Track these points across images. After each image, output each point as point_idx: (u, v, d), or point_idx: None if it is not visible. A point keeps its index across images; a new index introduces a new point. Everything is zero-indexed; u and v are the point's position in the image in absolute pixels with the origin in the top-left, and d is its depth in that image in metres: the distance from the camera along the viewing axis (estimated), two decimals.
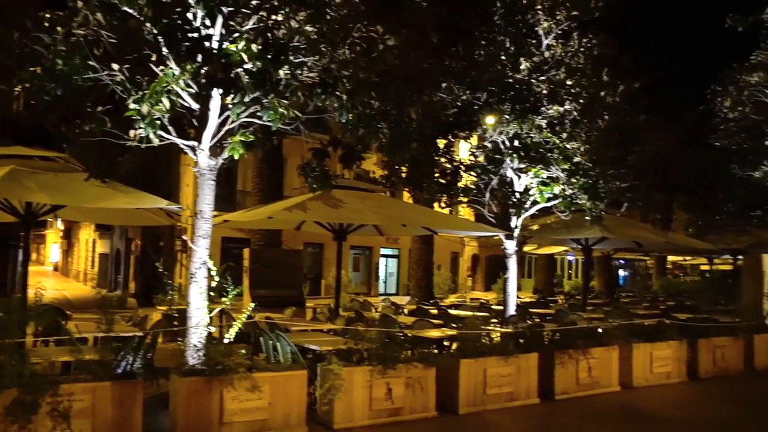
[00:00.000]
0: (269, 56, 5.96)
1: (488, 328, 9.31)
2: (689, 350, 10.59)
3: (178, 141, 6.24)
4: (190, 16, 5.90)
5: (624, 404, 8.81)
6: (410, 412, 7.29)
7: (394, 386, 7.12)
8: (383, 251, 30.86)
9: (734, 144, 14.88)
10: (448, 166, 11.54)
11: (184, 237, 8.99)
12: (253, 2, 6.03)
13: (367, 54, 6.70)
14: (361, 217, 10.39)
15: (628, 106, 13.97)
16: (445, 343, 9.04)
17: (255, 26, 6.08)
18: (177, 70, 5.71)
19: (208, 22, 5.95)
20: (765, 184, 14.41)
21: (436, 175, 11.53)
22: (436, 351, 8.69)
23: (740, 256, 17.67)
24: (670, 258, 32.39)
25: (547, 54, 10.86)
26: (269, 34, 6.07)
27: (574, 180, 10.50)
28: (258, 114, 6.09)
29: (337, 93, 6.32)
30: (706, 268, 31.66)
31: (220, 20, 5.98)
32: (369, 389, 6.97)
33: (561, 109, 10.49)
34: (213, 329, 6.70)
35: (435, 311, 12.83)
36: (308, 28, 6.13)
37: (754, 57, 14.36)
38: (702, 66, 36.98)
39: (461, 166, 11.52)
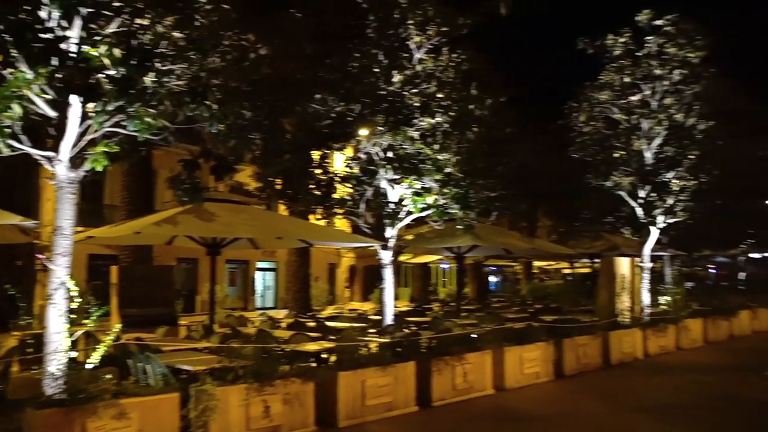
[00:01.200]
0: (133, 62, 5.62)
1: (366, 338, 9.33)
2: (555, 350, 11.18)
3: (32, 151, 5.71)
4: (43, 14, 5.45)
5: (498, 406, 9.11)
6: (289, 429, 7.12)
7: (271, 403, 6.94)
8: (260, 264, 30.23)
9: (588, 156, 15.92)
10: (323, 177, 11.48)
11: (41, 255, 8.30)
12: (116, 3, 5.68)
13: (238, 62, 6.52)
14: (235, 230, 10.11)
15: (495, 119, 14.61)
16: (324, 356, 8.94)
17: (118, 30, 5.72)
18: (30, 74, 5.25)
19: (64, 23, 5.52)
20: (615, 193, 15.53)
21: (312, 186, 11.43)
22: (314, 364, 8.57)
23: (597, 260, 18.96)
24: (536, 263, 34.18)
25: (419, 68, 11.10)
26: (133, 39, 5.74)
27: (446, 190, 10.77)
28: (123, 123, 5.72)
29: (207, 102, 6.08)
30: (569, 271, 33.72)
31: (78, 21, 5.56)
32: (246, 408, 6.74)
33: (433, 121, 10.75)
34: (76, 354, 6.19)
35: (312, 324, 12.69)
36: (176, 33, 5.85)
37: (602, 77, 15.49)
38: (561, 83, 39.68)
39: (336, 178, 11.51)
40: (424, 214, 11.29)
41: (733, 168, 18.30)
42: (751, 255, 26.82)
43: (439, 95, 10.95)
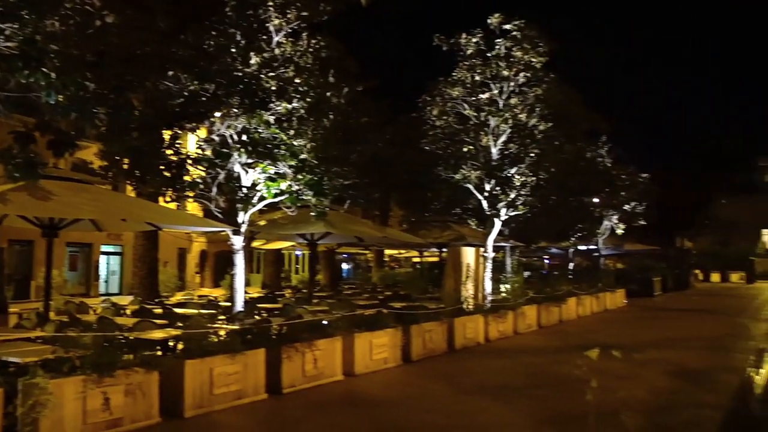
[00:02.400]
0: None
1: (215, 325, 9.10)
2: (403, 336, 11.55)
3: None
4: None
5: (347, 392, 9.26)
6: (131, 422, 6.79)
7: (112, 395, 6.57)
8: (104, 248, 28.44)
9: (440, 149, 16.59)
10: (174, 158, 10.97)
11: None
12: None
13: (82, 29, 6.02)
14: (75, 210, 9.43)
15: (351, 108, 14.75)
16: (170, 344, 8.60)
17: None
18: None
19: None
20: (463, 186, 16.31)
21: (161, 167, 10.89)
22: (160, 353, 8.22)
23: (444, 249, 19.79)
24: (388, 251, 35.03)
25: (277, 51, 10.91)
26: None
27: (300, 176, 10.73)
28: None
29: (44, 69, 5.57)
30: (418, 260, 34.88)
31: None
32: (83, 401, 6.33)
33: (289, 106, 10.63)
34: None
35: (159, 311, 12.16)
36: None
37: (455, 74, 16.17)
38: (417, 77, 40.82)
39: (188, 159, 11.05)
40: (277, 199, 11.17)
41: (566, 167, 19.87)
42: (579, 247, 29.22)
43: (297, 80, 10.84)
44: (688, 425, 7.51)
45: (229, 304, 11.97)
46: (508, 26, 15.71)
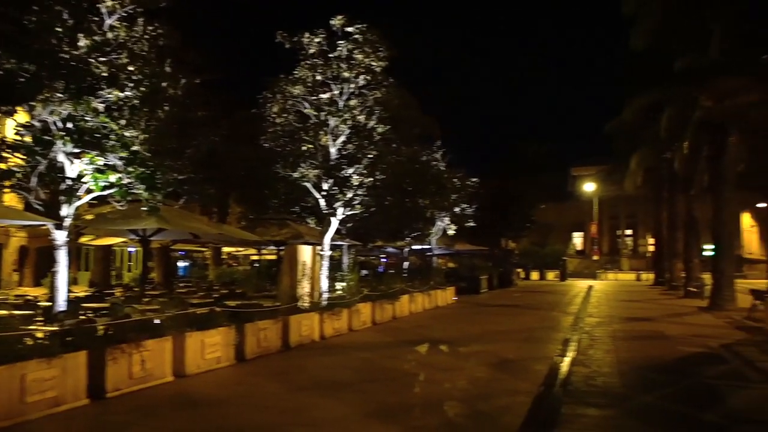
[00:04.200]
0: None
1: (30, 327, 8.41)
2: (237, 334, 11.40)
3: None
4: None
5: (177, 393, 8.97)
6: None
7: None
8: None
9: (279, 146, 16.52)
10: None
11: None
12: None
13: None
14: None
15: (189, 100, 14.23)
16: None
17: None
18: None
19: None
20: (302, 184, 16.38)
21: None
22: None
23: (282, 247, 19.75)
24: (226, 249, 34.24)
25: (109, 35, 10.29)
26: None
27: (131, 169, 10.22)
28: None
29: None
30: (256, 258, 34.41)
31: None
32: None
33: (121, 94, 10.09)
34: None
35: None
36: None
37: (297, 72, 16.19)
38: (260, 72, 40.22)
39: (4, 146, 10.09)
40: (106, 192, 10.56)
41: (401, 169, 20.64)
42: (413, 247, 30.42)
43: (131, 68, 10.30)
44: (503, 411, 8.14)
45: (50, 304, 11.08)
46: (350, 29, 15.99)
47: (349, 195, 16.49)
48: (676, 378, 10.30)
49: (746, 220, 63.23)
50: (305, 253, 15.54)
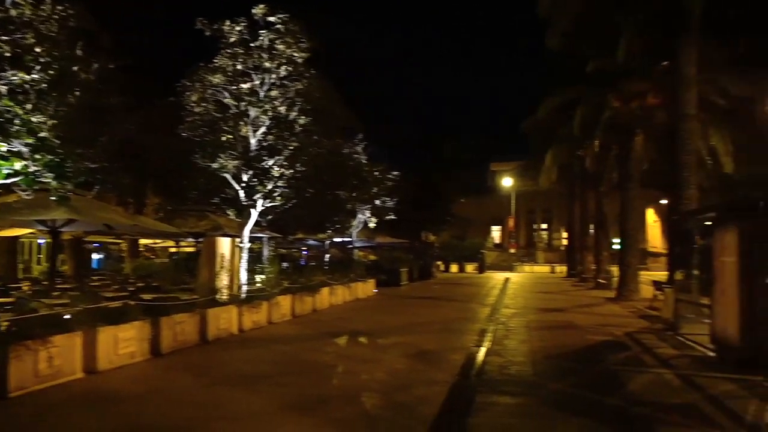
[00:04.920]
0: None
1: None
2: (153, 329, 11.11)
3: None
4: None
5: (87, 390, 8.67)
6: None
7: None
8: None
9: (197, 136, 16.12)
10: None
11: None
12: None
13: None
14: None
15: (102, 86, 13.67)
16: None
17: None
18: None
19: None
20: (220, 175, 16.06)
21: None
22: None
23: (201, 239, 19.34)
24: (143, 241, 33.12)
25: (13, 12, 9.74)
26: None
27: (38, 156, 9.74)
28: None
29: None
30: (174, 250, 33.53)
31: None
32: None
33: (27, 77, 9.58)
34: None
35: None
36: None
37: (217, 60, 15.84)
38: (179, 59, 39.07)
39: None
40: (10, 181, 10.03)
41: (322, 161, 20.56)
42: (335, 239, 30.43)
43: (38, 49, 9.80)
44: (419, 401, 8.31)
45: None
46: (272, 18, 15.79)
47: (270, 186, 16.32)
48: (583, 365, 10.81)
49: (650, 215, 66.76)
50: (224, 245, 15.30)
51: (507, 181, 62.90)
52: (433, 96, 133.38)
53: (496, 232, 78.46)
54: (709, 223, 12.65)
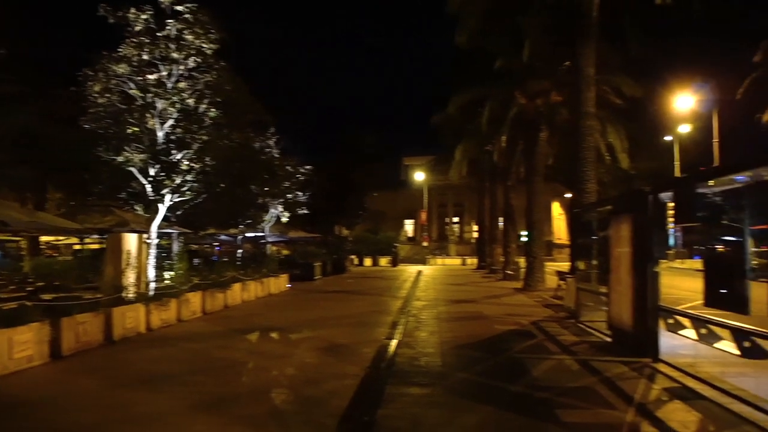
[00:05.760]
0: None
1: None
2: (52, 330, 10.65)
3: None
4: None
5: None
6: None
7: None
8: None
9: (101, 128, 15.46)
10: None
11: None
12: None
13: None
14: None
15: None
16: None
17: None
18: None
19: None
20: (126, 169, 15.50)
21: None
22: None
23: (106, 235, 18.62)
24: (44, 238, 31.45)
25: None
26: None
27: None
28: None
29: None
30: (79, 247, 32.09)
31: None
32: None
33: None
34: None
35: None
36: None
37: (121, 49, 15.24)
38: (81, 47, 37.21)
39: None
40: None
41: (232, 154, 20.22)
42: (247, 234, 30.01)
43: None
44: (330, 394, 8.38)
45: None
46: (180, 8, 15.38)
47: (178, 181, 15.91)
48: (490, 354, 11.21)
49: (556, 208, 69.65)
50: (130, 241, 14.83)
51: (420, 176, 63.91)
52: (348, 92, 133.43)
53: (409, 226, 79.67)
54: (607, 215, 13.37)
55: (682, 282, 23.59)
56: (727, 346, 8.35)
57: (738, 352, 7.96)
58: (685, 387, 8.48)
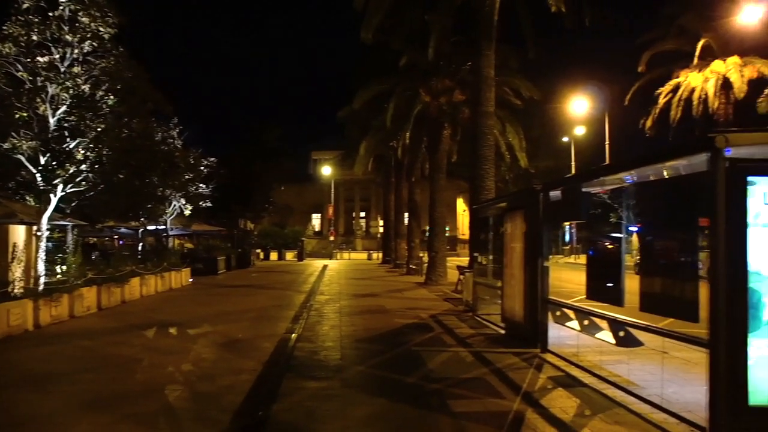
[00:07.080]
0: None
1: None
2: None
3: None
4: None
5: None
6: None
7: None
8: None
9: None
10: None
11: None
12: None
13: None
14: None
15: None
16: None
17: None
18: None
19: None
20: (14, 157, 14.65)
21: None
22: None
23: None
24: None
25: None
26: None
27: None
28: None
29: None
30: None
31: None
32: None
33: None
34: None
35: None
36: None
37: (6, 28, 14.35)
38: None
39: None
40: None
41: (130, 144, 19.48)
42: (149, 227, 29.07)
43: None
44: (225, 390, 8.33)
45: None
46: None
47: (72, 170, 15.21)
48: (389, 347, 11.45)
49: (461, 204, 71.50)
50: (18, 233, 14.09)
51: (327, 170, 63.84)
52: (256, 85, 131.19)
53: (316, 220, 79.52)
54: (502, 212, 13.93)
55: (574, 276, 24.86)
56: (606, 336, 8.93)
57: (614, 342, 8.54)
58: (568, 375, 9.02)
